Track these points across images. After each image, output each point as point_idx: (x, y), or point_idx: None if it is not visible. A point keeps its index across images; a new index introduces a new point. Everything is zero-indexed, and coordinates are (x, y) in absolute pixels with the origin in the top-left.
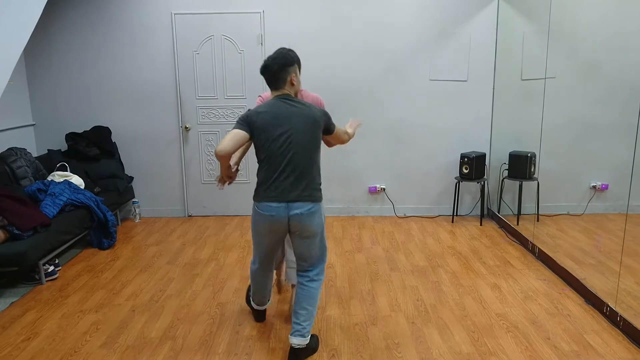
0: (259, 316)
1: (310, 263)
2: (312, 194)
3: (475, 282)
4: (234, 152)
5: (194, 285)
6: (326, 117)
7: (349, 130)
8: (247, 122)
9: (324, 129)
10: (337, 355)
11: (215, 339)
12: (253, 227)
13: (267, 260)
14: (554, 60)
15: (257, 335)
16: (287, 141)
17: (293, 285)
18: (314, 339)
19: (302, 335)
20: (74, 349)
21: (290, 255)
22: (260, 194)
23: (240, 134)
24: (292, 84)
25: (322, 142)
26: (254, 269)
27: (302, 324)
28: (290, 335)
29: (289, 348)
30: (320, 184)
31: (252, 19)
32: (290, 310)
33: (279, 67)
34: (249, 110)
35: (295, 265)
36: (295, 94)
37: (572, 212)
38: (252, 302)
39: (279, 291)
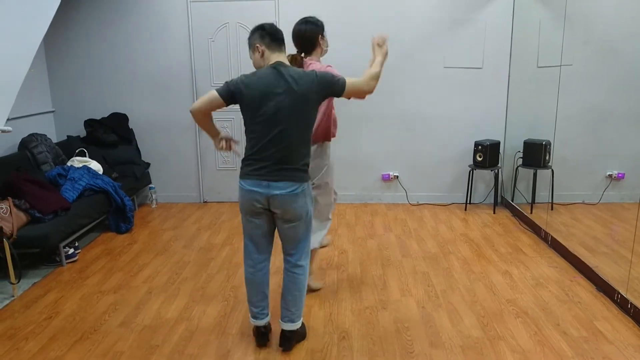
0: (260, 337)
1: (293, 247)
2: (296, 174)
3: (487, 269)
4: (204, 111)
5: (209, 268)
6: (323, 83)
7: (376, 63)
8: (231, 91)
9: (326, 94)
10: (347, 338)
11: (229, 320)
12: (240, 208)
13: (257, 251)
14: (571, 47)
15: (270, 317)
16: (274, 117)
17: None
18: (302, 326)
19: (292, 321)
20: (94, 327)
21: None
22: (243, 170)
23: (217, 99)
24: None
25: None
26: (247, 269)
27: (290, 309)
28: (281, 320)
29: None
30: (307, 165)
31: (267, 6)
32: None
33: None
34: (240, 76)
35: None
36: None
37: (587, 201)
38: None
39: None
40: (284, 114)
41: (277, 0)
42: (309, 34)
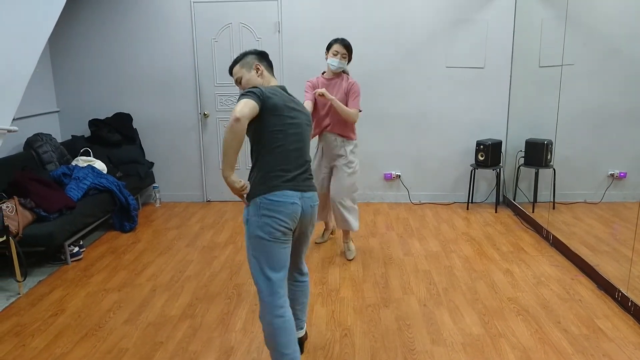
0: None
1: (303, 259)
2: (315, 186)
3: (488, 268)
4: (249, 118)
5: (212, 267)
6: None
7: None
8: (261, 97)
9: None
10: (349, 335)
11: (232, 317)
12: (269, 231)
13: (283, 285)
14: (573, 47)
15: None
16: (298, 131)
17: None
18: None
19: (302, 327)
20: (99, 324)
21: (337, 195)
22: (274, 183)
23: (254, 104)
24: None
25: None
26: (278, 311)
27: (301, 317)
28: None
29: (304, 326)
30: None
31: (270, 7)
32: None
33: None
34: (252, 88)
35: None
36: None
37: (589, 200)
38: None
39: (332, 233)
40: (304, 130)
41: (280, 1)
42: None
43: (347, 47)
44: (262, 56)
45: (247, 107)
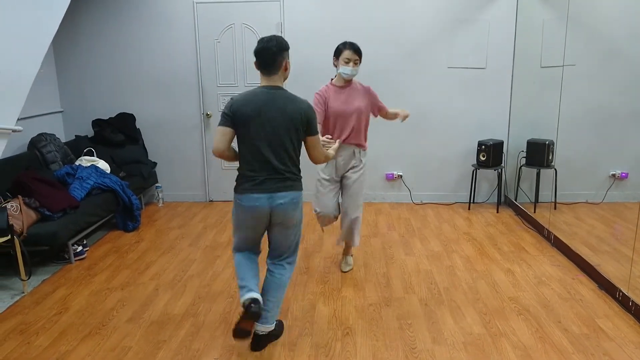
0: (250, 314)
1: (280, 250)
2: (295, 184)
3: (489, 267)
4: (228, 148)
5: (215, 266)
6: (307, 120)
7: (329, 152)
8: (229, 117)
9: (305, 129)
10: (351, 334)
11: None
12: (235, 220)
13: (253, 248)
14: (574, 47)
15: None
16: (269, 134)
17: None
18: (279, 325)
19: (266, 323)
20: (102, 323)
21: (354, 211)
22: (242, 186)
23: (227, 131)
24: (286, 69)
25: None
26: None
27: (269, 311)
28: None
29: (304, 326)
30: (299, 175)
31: (272, 8)
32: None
33: (278, 50)
34: (231, 99)
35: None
36: (285, 80)
37: (591, 200)
38: (241, 296)
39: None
40: (275, 130)
41: (283, 1)
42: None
43: (358, 52)
44: (257, 55)
45: (218, 140)
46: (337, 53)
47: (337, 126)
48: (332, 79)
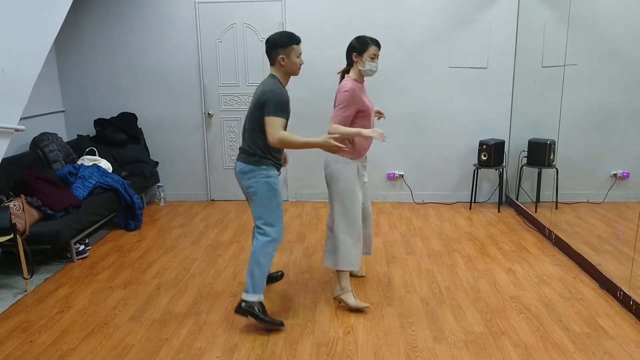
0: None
1: (255, 220)
2: (246, 158)
3: (491, 267)
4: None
5: (217, 265)
6: (263, 102)
7: (308, 141)
8: None
9: (262, 110)
10: (352, 332)
11: (237, 315)
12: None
13: None
14: (575, 47)
15: (277, 312)
16: (247, 112)
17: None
18: (261, 308)
19: (245, 291)
20: (104, 321)
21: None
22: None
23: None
24: (281, 65)
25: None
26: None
27: (246, 278)
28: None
29: (306, 325)
30: (254, 152)
31: (274, 7)
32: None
33: (270, 45)
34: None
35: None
36: (287, 74)
37: (592, 200)
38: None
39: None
40: (249, 111)
41: (284, 1)
42: (347, 50)
43: (380, 47)
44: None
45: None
46: (362, 49)
47: (366, 125)
48: (344, 75)
